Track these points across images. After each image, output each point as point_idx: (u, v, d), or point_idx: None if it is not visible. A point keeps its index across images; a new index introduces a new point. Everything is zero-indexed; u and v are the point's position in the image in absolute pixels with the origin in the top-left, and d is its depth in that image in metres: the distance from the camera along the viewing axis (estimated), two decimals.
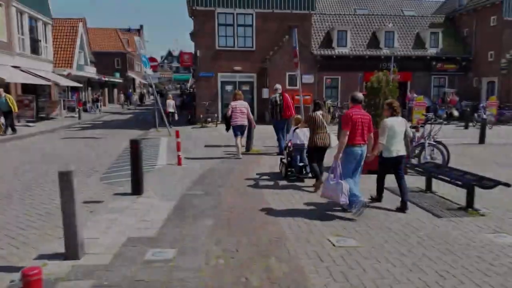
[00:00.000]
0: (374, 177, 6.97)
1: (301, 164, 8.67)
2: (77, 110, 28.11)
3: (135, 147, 6.93)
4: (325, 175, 7.32)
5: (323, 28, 27.49)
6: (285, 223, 5.65)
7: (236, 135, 11.11)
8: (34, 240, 5.33)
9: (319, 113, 7.90)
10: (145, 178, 7.50)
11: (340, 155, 6.10)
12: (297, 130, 8.73)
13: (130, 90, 54.91)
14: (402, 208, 6.27)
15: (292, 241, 4.96)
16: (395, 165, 6.49)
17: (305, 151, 8.51)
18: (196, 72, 23.36)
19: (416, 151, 9.82)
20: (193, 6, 22.12)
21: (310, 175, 8.42)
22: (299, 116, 9.83)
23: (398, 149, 6.39)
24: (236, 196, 7.14)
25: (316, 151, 7.79)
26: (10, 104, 16.44)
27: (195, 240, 4.98)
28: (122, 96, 45.89)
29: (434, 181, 7.41)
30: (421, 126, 10.50)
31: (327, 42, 26.65)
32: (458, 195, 6.89)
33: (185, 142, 13.99)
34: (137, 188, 7.02)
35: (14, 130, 17.01)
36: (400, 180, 6.45)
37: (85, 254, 4.46)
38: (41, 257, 4.45)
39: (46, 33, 27.31)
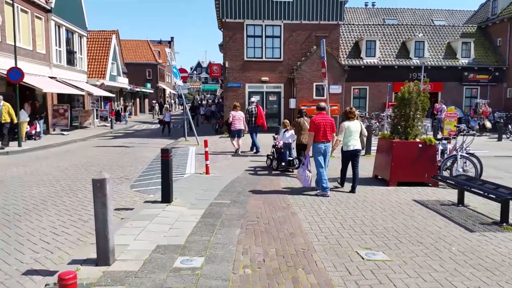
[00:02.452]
0: (402, 188, 6.85)
1: (290, 158, 10.89)
2: (109, 119, 28.94)
3: (166, 156, 7.05)
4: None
5: (351, 38, 27.39)
6: (312, 233, 5.62)
7: (233, 136, 14.21)
8: (67, 245, 5.50)
9: (303, 119, 10.77)
10: (174, 186, 7.62)
11: (310, 151, 8.17)
12: (286, 132, 11.17)
13: (162, 100, 56.30)
14: (352, 191, 8.22)
15: (319, 253, 4.93)
16: (352, 157, 8.41)
17: (292, 148, 11.05)
18: (225, 82, 23.66)
19: (448, 164, 9.58)
20: (223, 18, 22.55)
21: (296, 166, 10.50)
22: (286, 121, 12.00)
23: (354, 144, 8.31)
24: (263, 206, 7.15)
25: (302, 148, 10.25)
26: (5, 114, 14.95)
27: (223, 248, 5.02)
28: (157, 105, 47.06)
29: (466, 194, 7.20)
30: (453, 138, 10.25)
31: (355, 52, 26.51)
32: (491, 209, 6.68)
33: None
34: (166, 196, 7.13)
35: (3, 142, 15.26)
36: (354, 169, 8.37)
37: (115, 261, 4.56)
38: (74, 262, 4.58)
39: (81, 45, 28.35)
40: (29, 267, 4.78)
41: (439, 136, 15.02)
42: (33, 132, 18.59)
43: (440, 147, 9.98)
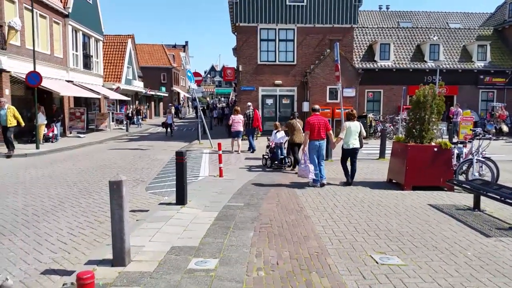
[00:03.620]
0: (417, 192, 6.79)
1: (281, 156, 11.93)
2: (125, 122, 29.31)
3: (180, 158, 7.12)
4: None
5: (365, 41, 27.26)
6: (326, 237, 5.62)
7: (233, 137, 15.92)
8: (84, 246, 5.61)
9: (295, 120, 11.74)
10: (188, 188, 7.69)
11: (306, 148, 9.24)
12: (277, 133, 12.24)
13: (176, 103, 56.84)
14: (347, 184, 9.24)
15: (333, 257, 4.92)
16: (351, 155, 9.38)
17: (283, 147, 12.06)
18: (238, 86, 23.78)
19: (464, 168, 9.47)
20: (237, 22, 22.69)
21: (288, 164, 11.86)
22: (277, 123, 13.15)
23: (354, 143, 9.25)
24: (276, 209, 7.16)
25: (294, 146, 11.52)
26: (10, 117, 14.30)
27: (236, 251, 5.05)
28: (173, 108, 47.67)
29: (482, 198, 7.11)
30: (469, 142, 10.13)
31: (369, 55, 26.38)
32: (508, 214, 6.58)
33: (226, 154, 14.25)
34: (181, 199, 7.21)
35: (9, 147, 14.53)
36: (353, 166, 9.36)
37: (131, 261, 4.63)
38: (90, 262, 4.66)
39: (98, 49, 28.82)
40: (47, 267, 4.88)
41: (455, 140, 14.83)
42: (51, 134, 18.96)
43: (456, 151, 9.87)
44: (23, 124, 15.01)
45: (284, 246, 5.28)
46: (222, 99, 79.75)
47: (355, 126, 9.32)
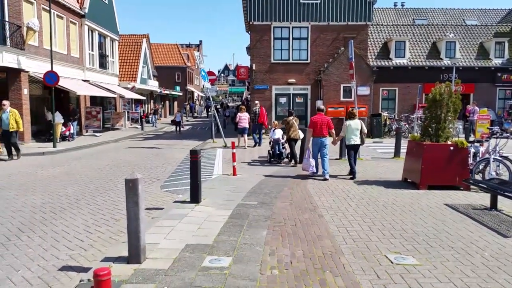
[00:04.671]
0: (433, 191, 6.69)
1: (278, 152, 12.80)
2: (140, 121, 29.59)
3: (194, 157, 7.17)
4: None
5: (380, 39, 26.99)
6: (340, 236, 5.60)
7: (240, 133, 17.21)
8: (100, 243, 5.70)
9: (291, 117, 12.80)
10: (202, 187, 7.74)
11: (310, 144, 10.27)
12: (275, 130, 13.14)
13: (192, 103, 57.42)
14: (352, 177, 9.95)
15: (347, 256, 4.91)
16: (353, 150, 10.23)
17: (281, 143, 12.88)
18: (251, 85, 23.79)
19: (480, 167, 9.32)
20: (251, 21, 22.69)
21: (285, 159, 12.82)
22: (274, 121, 14.54)
23: (355, 139, 10.15)
24: (289, 208, 7.16)
25: (291, 141, 12.48)
26: (12, 121, 13.66)
27: (250, 249, 5.07)
28: (188, 107, 48.27)
29: (499, 198, 6.99)
30: (486, 141, 9.96)
31: (384, 53, 26.10)
32: None
33: (239, 153, 14.30)
34: (195, 197, 7.26)
35: (13, 151, 13.89)
36: (353, 160, 10.19)
37: (146, 259, 4.69)
38: (106, 259, 4.73)
39: (113, 49, 29.15)
40: (65, 263, 4.97)
41: (471, 138, 14.60)
42: (67, 133, 19.26)
43: (472, 150, 9.72)
44: (21, 129, 14.38)
45: (298, 245, 5.28)
46: (235, 98, 79.91)
47: (355, 124, 10.20)
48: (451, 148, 8.63)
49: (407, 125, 21.80)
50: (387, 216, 6.62)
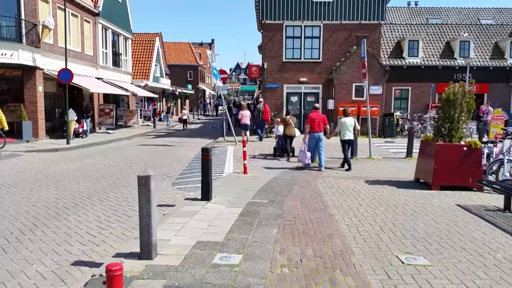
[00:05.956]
0: (445, 192, 6.62)
1: (283, 147, 13.60)
2: (152, 119, 29.82)
3: (206, 155, 7.21)
4: (296, 152, 12.95)
5: (393, 38, 26.75)
6: (350, 236, 5.58)
7: (242, 129, 18.05)
8: (112, 239, 5.76)
9: (288, 116, 13.64)
10: (213, 185, 7.77)
11: (307, 138, 11.42)
12: (279, 127, 14.30)
13: (205, 101, 57.79)
14: (347, 169, 11.02)
15: (358, 255, 4.89)
16: (347, 144, 11.20)
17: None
18: (263, 83, 23.78)
19: (494, 168, 9.20)
20: (263, 20, 22.68)
21: (291, 154, 13.33)
22: (277, 119, 15.84)
23: (349, 135, 11.16)
24: (300, 206, 7.16)
25: (286, 138, 13.27)
26: None
27: (260, 247, 5.08)
28: (200, 105, 48.55)
29: None
30: (500, 141, 9.83)
31: (397, 52, 25.86)
32: None
33: (251, 151, 14.32)
34: (206, 194, 7.30)
35: None
36: (346, 153, 11.20)
37: (157, 255, 4.73)
38: (118, 255, 4.79)
39: (126, 47, 29.39)
40: (77, 258, 5.04)
41: (485, 139, 14.39)
42: (80, 130, 19.49)
43: (486, 151, 9.61)
44: (6, 127, 14.17)
45: (308, 243, 5.27)
46: (246, 96, 79.95)
47: (350, 121, 11.25)
48: (465, 148, 8.53)
49: (419, 125, 21.59)
50: (398, 216, 6.58)
